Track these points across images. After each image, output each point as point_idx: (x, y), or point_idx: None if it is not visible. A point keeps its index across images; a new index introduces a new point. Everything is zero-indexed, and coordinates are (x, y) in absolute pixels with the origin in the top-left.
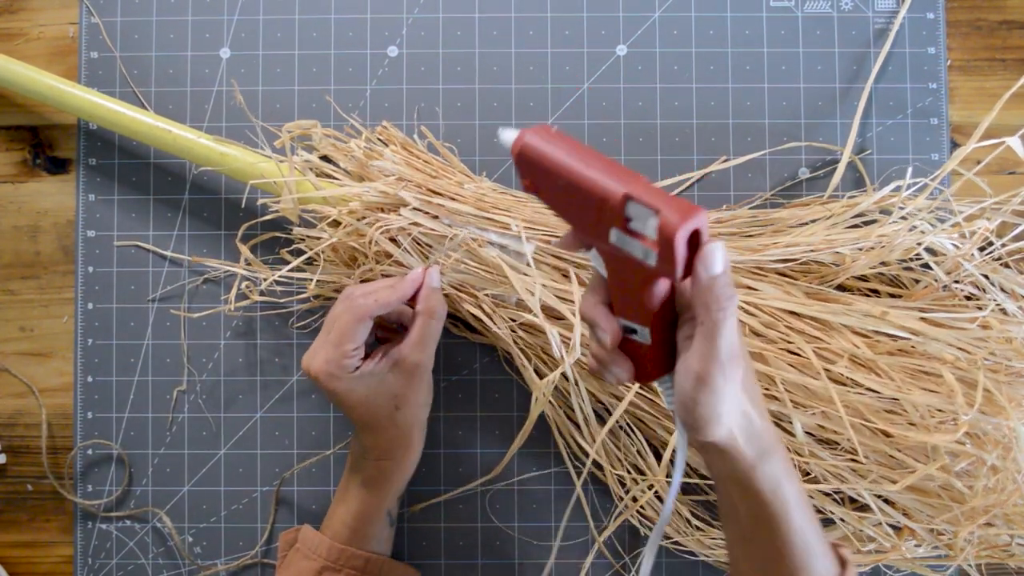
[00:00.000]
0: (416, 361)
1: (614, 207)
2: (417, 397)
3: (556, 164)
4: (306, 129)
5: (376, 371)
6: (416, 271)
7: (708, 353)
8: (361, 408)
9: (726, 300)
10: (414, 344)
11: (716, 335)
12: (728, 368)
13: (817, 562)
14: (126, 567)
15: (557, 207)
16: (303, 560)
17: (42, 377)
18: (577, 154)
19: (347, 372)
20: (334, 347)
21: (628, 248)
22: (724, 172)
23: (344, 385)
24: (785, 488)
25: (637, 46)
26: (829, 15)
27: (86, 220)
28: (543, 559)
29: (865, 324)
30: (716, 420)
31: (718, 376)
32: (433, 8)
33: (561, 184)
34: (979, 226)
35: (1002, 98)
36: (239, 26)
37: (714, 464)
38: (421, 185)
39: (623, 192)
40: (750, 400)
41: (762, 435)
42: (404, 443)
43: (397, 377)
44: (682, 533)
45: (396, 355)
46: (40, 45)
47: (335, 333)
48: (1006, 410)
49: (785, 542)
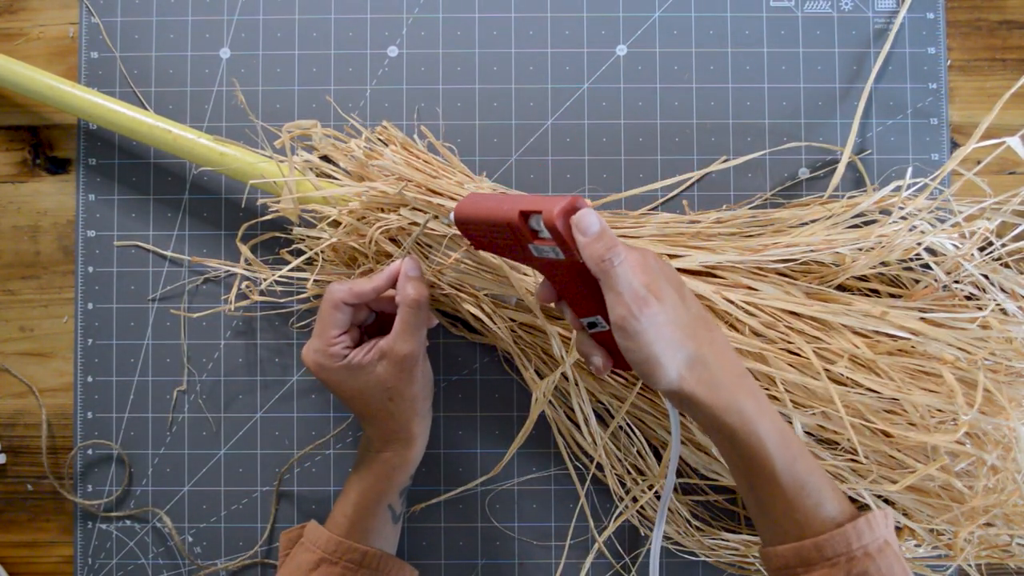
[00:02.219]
0: (403, 352)
1: (519, 226)
2: (410, 389)
3: (476, 214)
4: (306, 129)
5: (365, 363)
6: (394, 263)
7: (614, 302)
8: (357, 400)
9: (607, 251)
10: (398, 334)
11: (612, 283)
12: (637, 309)
13: (811, 501)
14: (126, 567)
15: (495, 249)
16: (303, 552)
17: (42, 377)
18: (493, 201)
19: (335, 361)
20: (318, 336)
21: (546, 255)
22: (724, 172)
23: (335, 376)
24: (760, 428)
25: (637, 46)
26: (829, 15)
27: (86, 220)
28: (543, 559)
29: (865, 324)
30: (655, 363)
31: (630, 320)
32: (433, 8)
33: (485, 228)
34: (979, 226)
35: (1002, 98)
36: (239, 26)
37: (689, 415)
38: (421, 185)
39: (518, 210)
40: (699, 345)
41: (721, 378)
42: (403, 435)
43: (387, 369)
44: (682, 533)
45: (383, 346)
46: (40, 45)
47: (317, 323)
48: (1006, 410)
49: (773, 482)
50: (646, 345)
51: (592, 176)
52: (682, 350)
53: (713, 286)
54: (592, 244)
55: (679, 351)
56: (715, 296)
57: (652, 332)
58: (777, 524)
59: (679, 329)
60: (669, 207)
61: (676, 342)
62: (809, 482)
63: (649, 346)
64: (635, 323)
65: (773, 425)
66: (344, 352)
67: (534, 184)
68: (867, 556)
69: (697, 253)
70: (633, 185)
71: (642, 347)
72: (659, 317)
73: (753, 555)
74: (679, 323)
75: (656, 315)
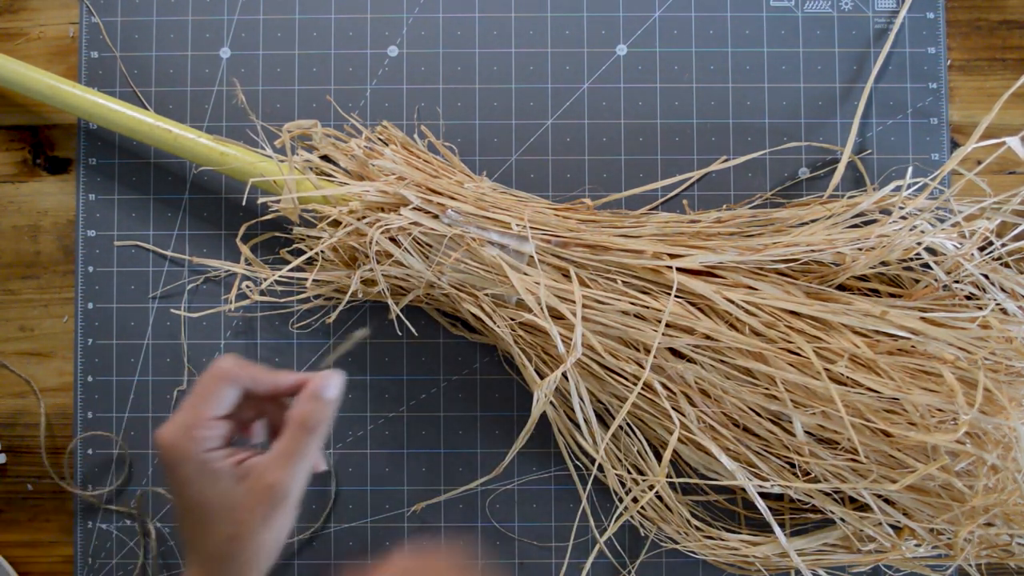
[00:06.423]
0: (272, 481)
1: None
2: (260, 534)
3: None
4: (306, 129)
5: (223, 473)
6: (313, 375)
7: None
8: (194, 514)
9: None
10: (274, 458)
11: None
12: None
13: None
14: (126, 567)
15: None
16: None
17: (42, 377)
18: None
19: (194, 448)
20: (189, 408)
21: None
22: (724, 172)
23: (184, 469)
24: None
25: (637, 46)
26: (829, 15)
27: (86, 220)
28: (543, 559)
29: (865, 324)
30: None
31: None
32: (433, 8)
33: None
34: (979, 226)
35: (1002, 98)
36: (239, 26)
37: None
38: (421, 184)
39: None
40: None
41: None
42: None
43: (244, 495)
44: (682, 533)
45: (252, 463)
46: (40, 45)
47: (193, 394)
48: (1006, 410)
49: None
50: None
51: (592, 176)
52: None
53: (713, 286)
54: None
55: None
56: (715, 296)
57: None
58: None
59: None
60: (669, 207)
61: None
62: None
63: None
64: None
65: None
66: (209, 443)
67: (534, 184)
68: None
69: (697, 253)
70: (633, 185)
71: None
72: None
73: (753, 555)
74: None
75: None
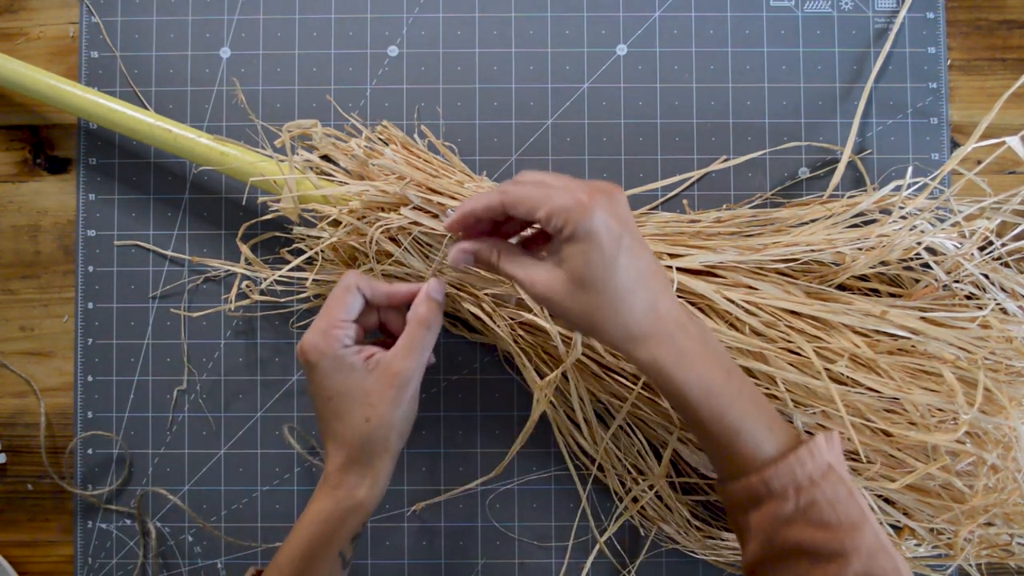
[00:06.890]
0: (398, 369)
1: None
2: (391, 413)
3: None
4: (306, 128)
5: (358, 364)
6: (421, 284)
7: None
8: (333, 404)
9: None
10: (399, 349)
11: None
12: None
13: (749, 446)
14: (126, 567)
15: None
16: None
17: (42, 377)
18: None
19: (332, 346)
20: (322, 317)
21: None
22: (724, 172)
23: (325, 365)
24: (678, 380)
25: (637, 46)
26: (829, 15)
27: (86, 220)
28: (543, 559)
29: (865, 323)
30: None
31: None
32: (433, 8)
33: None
34: (979, 226)
35: (1002, 98)
36: (239, 26)
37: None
38: (421, 184)
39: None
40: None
41: (628, 322)
42: (366, 467)
43: (376, 382)
44: (682, 533)
45: (381, 357)
46: (40, 45)
47: (324, 307)
48: (1006, 410)
49: (705, 431)
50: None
51: (592, 175)
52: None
53: (713, 286)
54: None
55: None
56: (715, 296)
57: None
58: (721, 463)
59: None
60: (669, 207)
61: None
62: (744, 428)
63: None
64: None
65: (694, 376)
66: (344, 341)
67: None
68: (812, 484)
69: (697, 253)
70: (633, 185)
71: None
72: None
73: None
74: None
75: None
